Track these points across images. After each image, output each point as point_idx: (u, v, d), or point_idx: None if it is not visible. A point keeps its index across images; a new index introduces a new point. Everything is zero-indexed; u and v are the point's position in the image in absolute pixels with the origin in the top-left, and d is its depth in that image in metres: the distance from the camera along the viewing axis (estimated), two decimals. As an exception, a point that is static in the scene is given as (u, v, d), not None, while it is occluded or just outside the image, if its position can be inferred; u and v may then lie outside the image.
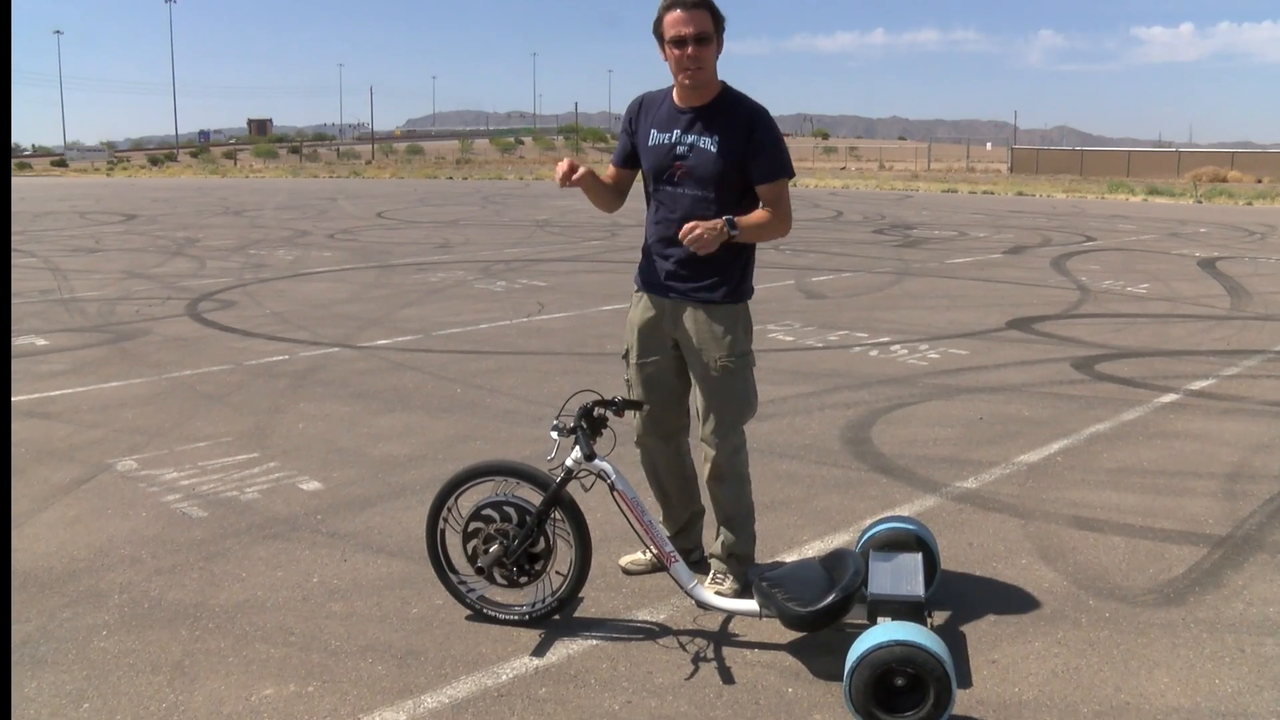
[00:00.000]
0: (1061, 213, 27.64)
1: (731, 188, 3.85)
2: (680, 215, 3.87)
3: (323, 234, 20.02)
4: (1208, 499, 5.32)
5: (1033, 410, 6.96)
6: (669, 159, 3.87)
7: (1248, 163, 56.74)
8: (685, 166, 3.85)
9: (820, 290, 12.64)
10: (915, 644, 3.14)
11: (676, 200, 3.90)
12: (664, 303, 4.01)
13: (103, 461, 5.78)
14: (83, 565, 4.39)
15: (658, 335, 4.05)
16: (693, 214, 3.82)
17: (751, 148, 3.81)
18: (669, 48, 3.75)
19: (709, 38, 3.72)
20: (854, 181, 47.23)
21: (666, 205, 3.94)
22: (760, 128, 3.82)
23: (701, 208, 3.84)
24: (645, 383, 4.11)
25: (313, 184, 45.67)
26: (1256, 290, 12.72)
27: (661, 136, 3.90)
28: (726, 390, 3.98)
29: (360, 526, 4.85)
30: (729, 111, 3.84)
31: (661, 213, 3.97)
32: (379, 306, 11.21)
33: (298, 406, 6.96)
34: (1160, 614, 4.06)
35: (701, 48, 3.70)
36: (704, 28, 3.70)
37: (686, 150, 3.83)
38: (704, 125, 3.83)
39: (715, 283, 3.93)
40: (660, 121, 3.91)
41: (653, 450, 4.22)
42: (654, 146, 3.91)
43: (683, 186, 3.88)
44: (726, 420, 4.02)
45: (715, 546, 4.17)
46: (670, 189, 3.91)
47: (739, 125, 3.81)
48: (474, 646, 3.71)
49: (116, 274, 13.94)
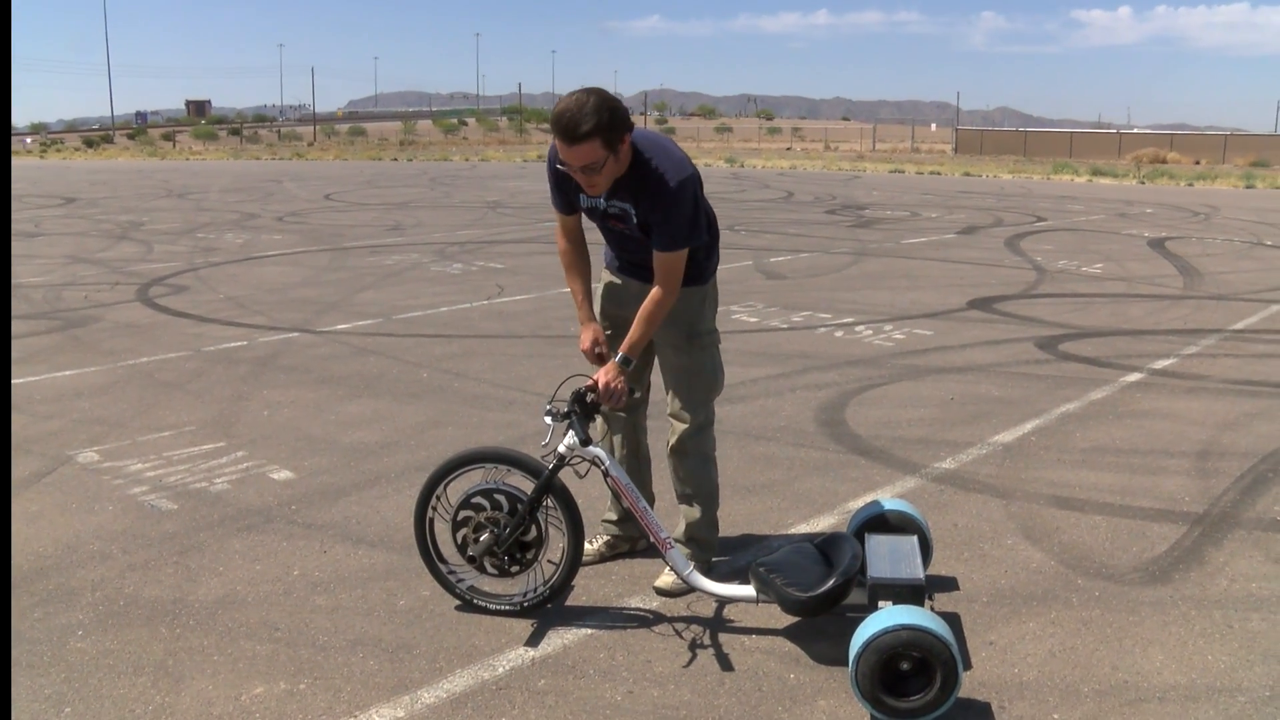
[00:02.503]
0: (1010, 193, 27.90)
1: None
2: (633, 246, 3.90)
3: (271, 217, 19.66)
4: (1182, 477, 5.37)
5: (1002, 390, 6.99)
6: (604, 216, 3.86)
7: (1186, 144, 57.81)
8: (619, 222, 3.84)
9: (779, 271, 12.63)
10: (922, 628, 3.10)
11: (624, 238, 3.92)
12: (631, 282, 4.00)
13: (62, 453, 5.60)
14: (51, 563, 4.24)
15: (625, 315, 3.98)
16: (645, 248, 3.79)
17: (655, 217, 3.69)
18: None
19: (597, 165, 3.54)
20: (800, 162, 47.36)
21: (615, 236, 3.96)
22: (664, 200, 3.66)
23: (642, 244, 3.82)
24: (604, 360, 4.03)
25: (255, 166, 44.89)
26: (1207, 270, 12.90)
27: (592, 200, 3.83)
28: (694, 367, 3.97)
29: (337, 516, 4.73)
30: (641, 182, 3.68)
31: (614, 238, 3.99)
32: (336, 290, 11.02)
33: (261, 393, 6.80)
34: (1148, 592, 4.08)
35: (591, 175, 3.58)
36: (590, 160, 3.52)
37: (618, 211, 3.79)
38: (625, 193, 3.73)
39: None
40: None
41: (612, 421, 4.19)
42: (588, 209, 3.89)
43: (621, 226, 3.86)
44: (695, 397, 4.00)
45: (677, 529, 4.12)
46: (616, 229, 3.90)
47: (649, 196, 3.68)
48: (466, 638, 3.63)
49: (60, 259, 13.58)
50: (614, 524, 4.27)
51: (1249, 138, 60.70)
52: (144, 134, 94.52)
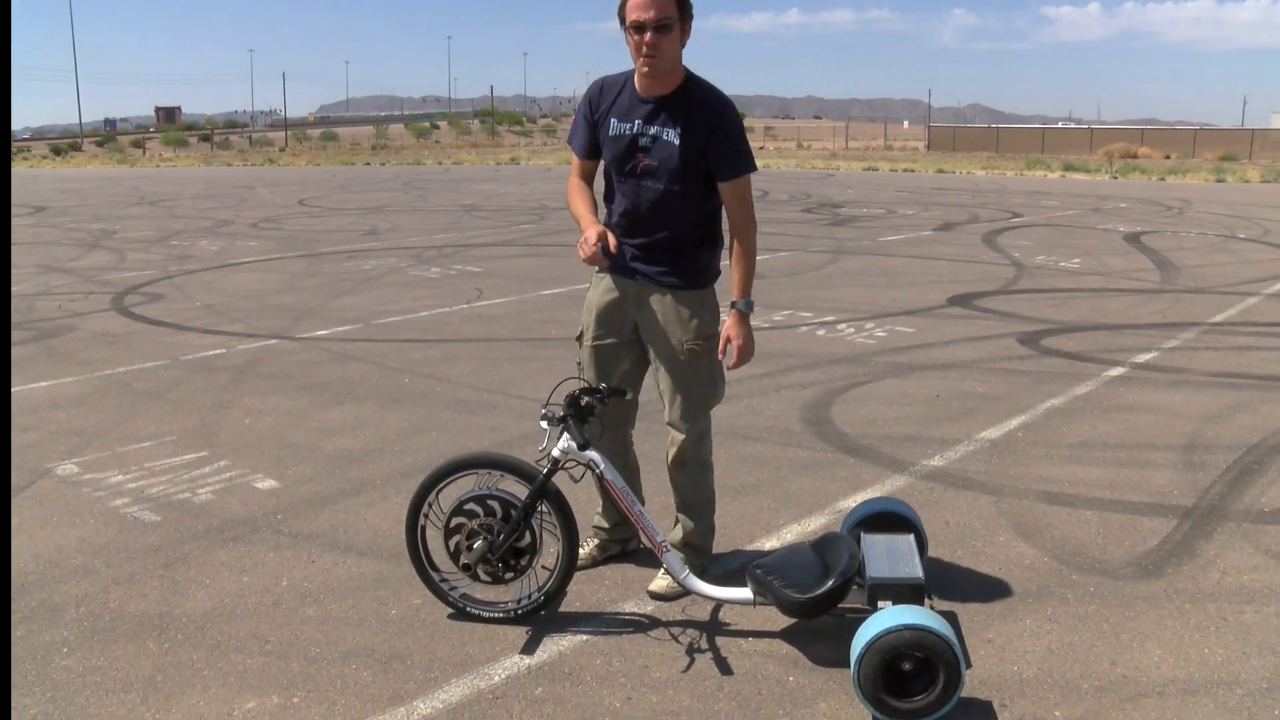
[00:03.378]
0: (984, 189, 28.04)
1: (695, 180, 3.74)
2: (645, 208, 3.78)
3: (245, 223, 19.50)
4: (1169, 470, 5.38)
5: (986, 386, 6.99)
6: (630, 151, 3.74)
7: (1156, 139, 58.29)
8: (647, 160, 3.72)
9: (758, 270, 12.59)
10: (924, 627, 3.08)
11: (639, 193, 3.78)
12: (628, 284, 3.89)
13: (40, 466, 5.51)
14: (32, 578, 4.15)
15: (617, 317, 3.93)
16: (657, 208, 3.75)
17: (714, 142, 3.68)
18: (629, 33, 3.59)
19: (670, 25, 3.55)
20: (774, 161, 47.44)
21: (629, 197, 3.82)
22: (725, 122, 3.69)
23: (666, 201, 3.75)
24: (599, 365, 3.98)
25: (227, 172, 44.57)
26: (1183, 264, 12.99)
27: (623, 126, 3.75)
28: (693, 374, 3.88)
29: (324, 525, 4.67)
30: (692, 103, 3.70)
31: (625, 204, 3.85)
32: (313, 296, 10.92)
33: (242, 401, 6.72)
34: (1142, 586, 4.08)
35: (661, 35, 3.54)
36: (666, 13, 3.53)
37: (649, 143, 3.70)
38: (667, 116, 3.69)
39: (682, 268, 3.84)
40: (621, 110, 3.76)
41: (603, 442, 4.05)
42: (615, 137, 3.76)
43: (646, 179, 3.75)
44: (693, 405, 3.93)
45: (674, 535, 4.07)
46: (633, 181, 3.78)
47: (702, 118, 3.68)
48: (460, 647, 3.58)
49: (32, 268, 13.40)
50: (604, 529, 4.22)
51: (1218, 132, 61.31)
52: (113, 141, 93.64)
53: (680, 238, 3.80)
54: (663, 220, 3.78)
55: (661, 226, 3.79)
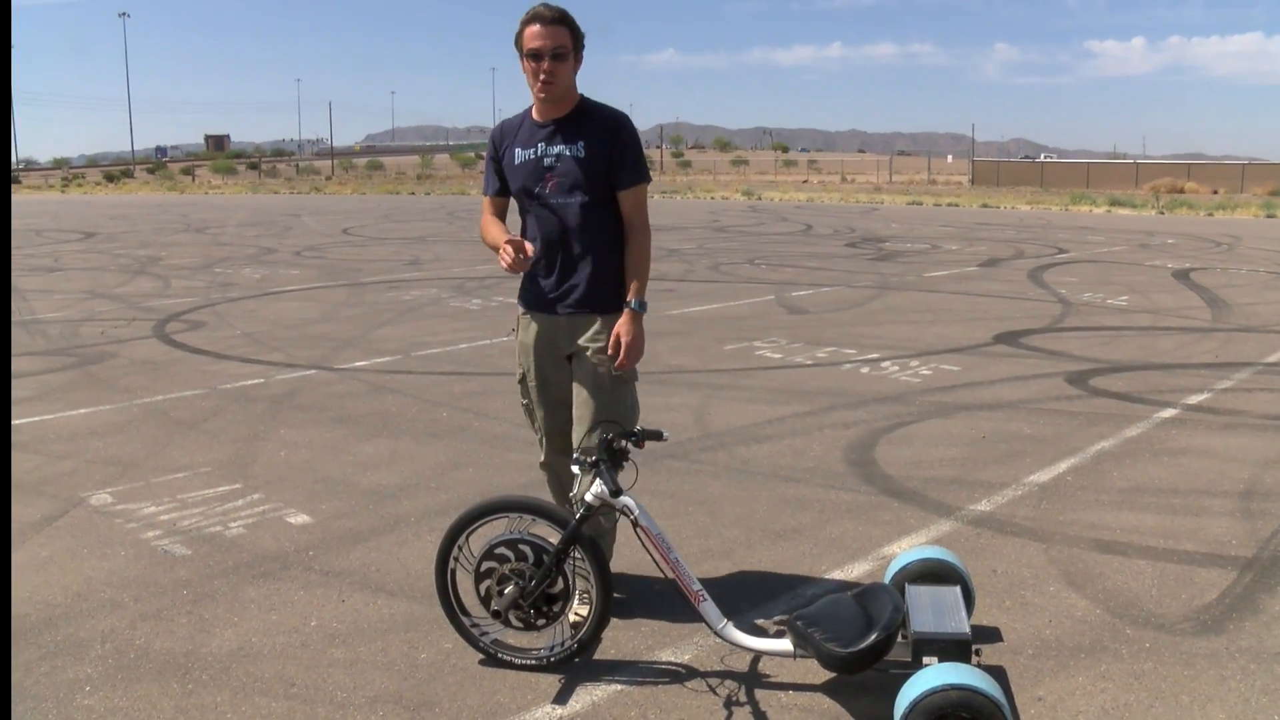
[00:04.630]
0: (1029, 224, 27.75)
1: (598, 191, 3.86)
2: (557, 230, 3.87)
3: (289, 251, 19.65)
4: (1226, 519, 5.18)
5: (1034, 428, 6.81)
6: (538, 173, 3.86)
7: (1203, 174, 57.57)
8: (554, 177, 3.84)
9: (801, 305, 12.48)
10: (972, 688, 2.94)
11: (553, 212, 3.87)
12: (556, 320, 3.94)
13: (75, 495, 5.48)
14: (60, 612, 4.10)
15: (554, 352, 3.98)
16: (572, 223, 3.85)
17: (616, 151, 3.83)
18: (527, 60, 3.75)
19: (565, 54, 3.74)
20: (817, 195, 47.34)
21: (540, 220, 3.91)
22: (623, 132, 3.86)
23: (574, 218, 3.85)
24: (547, 404, 4.03)
25: (273, 200, 45.12)
26: (1235, 301, 12.71)
27: (527, 153, 3.88)
28: (618, 401, 3.88)
29: (355, 563, 4.58)
30: (590, 119, 3.88)
31: (541, 229, 3.91)
32: (353, 326, 10.92)
33: (278, 433, 6.68)
34: (1202, 643, 3.89)
35: (557, 63, 3.72)
36: (560, 42, 3.72)
37: (554, 161, 3.84)
38: (567, 134, 3.84)
39: (609, 292, 3.90)
40: (523, 140, 3.90)
41: (558, 468, 4.08)
42: (521, 164, 3.88)
43: (556, 197, 3.85)
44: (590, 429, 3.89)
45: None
46: (541, 206, 3.88)
47: (602, 131, 3.84)
48: (490, 695, 3.47)
49: (78, 294, 13.55)
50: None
51: (1267, 166, 60.38)
52: (163, 168, 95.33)
53: (596, 257, 3.87)
54: (579, 235, 3.85)
55: (579, 243, 3.86)
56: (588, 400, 3.88)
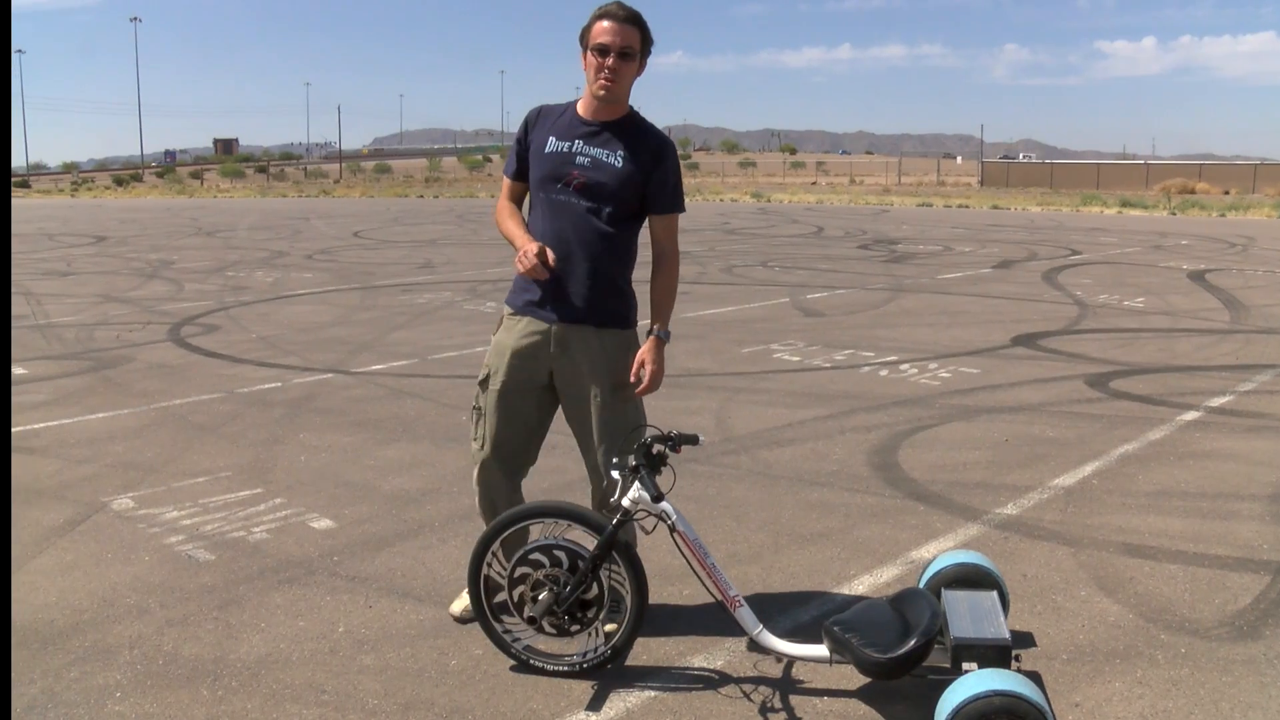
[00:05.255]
0: (1040, 226, 27.67)
1: (625, 208, 3.73)
2: (570, 228, 3.69)
3: (300, 254, 19.66)
4: (1256, 523, 5.14)
5: (1056, 431, 6.77)
6: (566, 166, 3.69)
7: (1214, 175, 57.40)
8: (583, 177, 3.67)
9: (817, 308, 12.44)
10: (1016, 694, 2.91)
11: (566, 209, 3.69)
12: (552, 326, 3.74)
13: (96, 500, 5.46)
14: (87, 617, 4.08)
15: (534, 363, 3.78)
16: (584, 228, 3.68)
17: (660, 174, 3.74)
18: (591, 54, 3.63)
19: (633, 54, 3.64)
20: (826, 196, 47.29)
21: (554, 214, 3.71)
22: (670, 157, 3.78)
23: (590, 222, 3.69)
24: (504, 412, 3.83)
25: (282, 204, 45.17)
26: (1252, 303, 12.64)
27: (561, 144, 3.72)
28: (616, 416, 3.78)
29: (381, 568, 4.56)
30: (637, 132, 3.75)
31: (547, 223, 3.72)
32: (368, 330, 10.91)
33: (297, 437, 6.66)
34: (1239, 649, 3.85)
35: (623, 61, 3.61)
36: (630, 43, 3.62)
37: (587, 161, 3.69)
38: (610, 140, 3.71)
39: (611, 306, 3.78)
40: (561, 130, 3.75)
41: (494, 485, 3.91)
42: (551, 153, 3.72)
43: (577, 196, 3.68)
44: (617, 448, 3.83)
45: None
46: (562, 197, 3.69)
47: (648, 148, 3.73)
48: (524, 701, 3.44)
49: (92, 298, 13.55)
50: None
51: (1278, 167, 60.14)
52: (172, 172, 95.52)
53: (603, 267, 3.72)
54: (590, 242, 3.69)
55: (588, 249, 3.69)
56: (594, 419, 3.77)
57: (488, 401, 3.84)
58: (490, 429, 3.84)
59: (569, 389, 3.80)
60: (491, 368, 3.85)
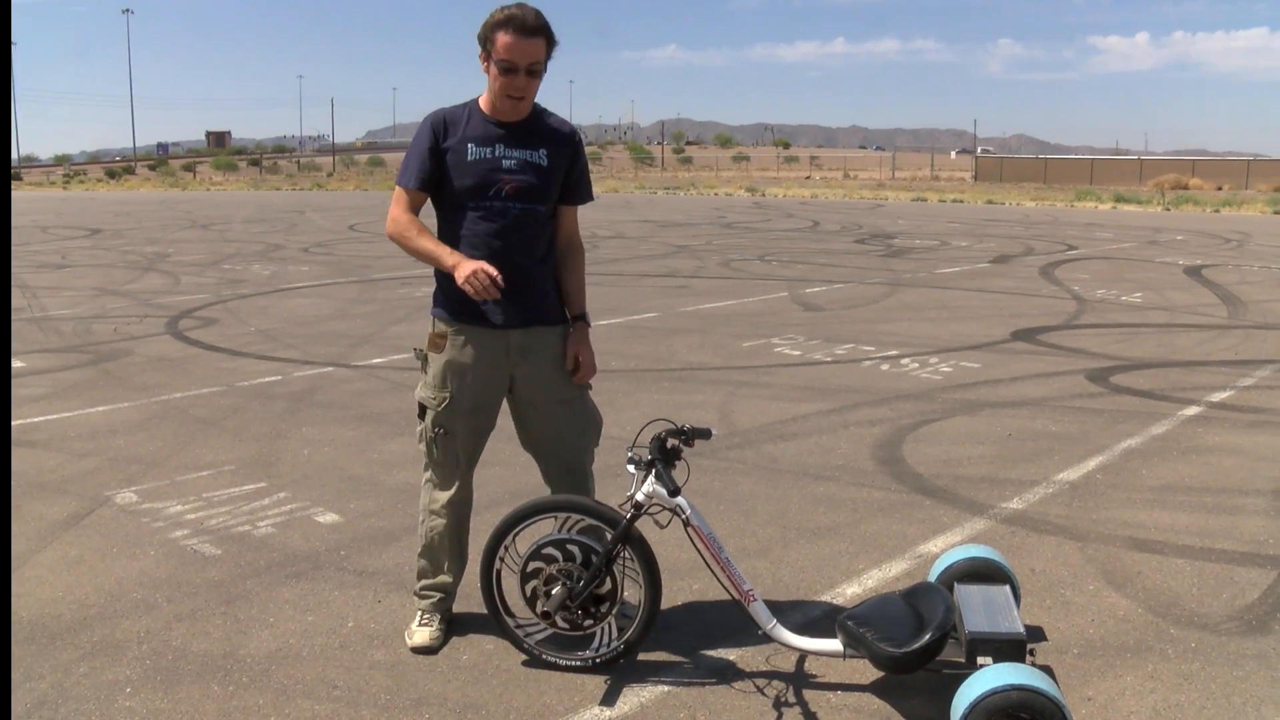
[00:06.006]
0: (1036, 221, 27.71)
1: (550, 204, 3.72)
2: (508, 234, 3.60)
3: (296, 248, 19.60)
4: (1261, 517, 5.14)
5: (1060, 425, 6.77)
6: (495, 173, 3.58)
7: (1207, 170, 57.49)
8: (515, 181, 3.59)
9: (816, 302, 12.44)
10: (1033, 688, 2.91)
11: (501, 216, 3.60)
12: (509, 335, 3.65)
13: (100, 494, 5.44)
14: (94, 612, 4.06)
15: (497, 375, 3.70)
16: (523, 231, 3.63)
17: (576, 168, 3.75)
18: (498, 70, 3.50)
19: (540, 69, 3.54)
20: (821, 191, 47.28)
21: (489, 222, 3.60)
22: (581, 148, 3.80)
23: (527, 224, 3.64)
24: (477, 431, 3.79)
25: (276, 196, 45.05)
26: (1250, 299, 12.66)
27: (483, 150, 3.59)
28: (585, 411, 3.83)
29: (389, 563, 4.54)
30: (551, 126, 3.71)
31: (486, 233, 3.60)
32: (368, 323, 10.88)
33: (300, 431, 6.63)
34: (1249, 644, 3.85)
35: (531, 79, 3.54)
36: (538, 57, 3.51)
37: (514, 164, 3.59)
38: (527, 139, 3.64)
39: (555, 302, 3.78)
40: (477, 136, 3.61)
41: (461, 509, 3.85)
42: (475, 161, 3.58)
43: (513, 201, 3.60)
44: (590, 441, 3.89)
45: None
46: (496, 204, 3.59)
47: (565, 141, 3.72)
48: (537, 697, 3.43)
49: (88, 291, 13.50)
50: (432, 587, 3.86)
51: (1271, 163, 60.22)
52: (165, 165, 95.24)
53: (543, 265, 3.72)
54: (529, 244, 3.66)
55: (528, 252, 3.66)
56: (564, 418, 3.77)
57: (457, 425, 3.72)
58: (466, 451, 3.78)
59: (533, 393, 3.75)
60: (448, 393, 3.70)
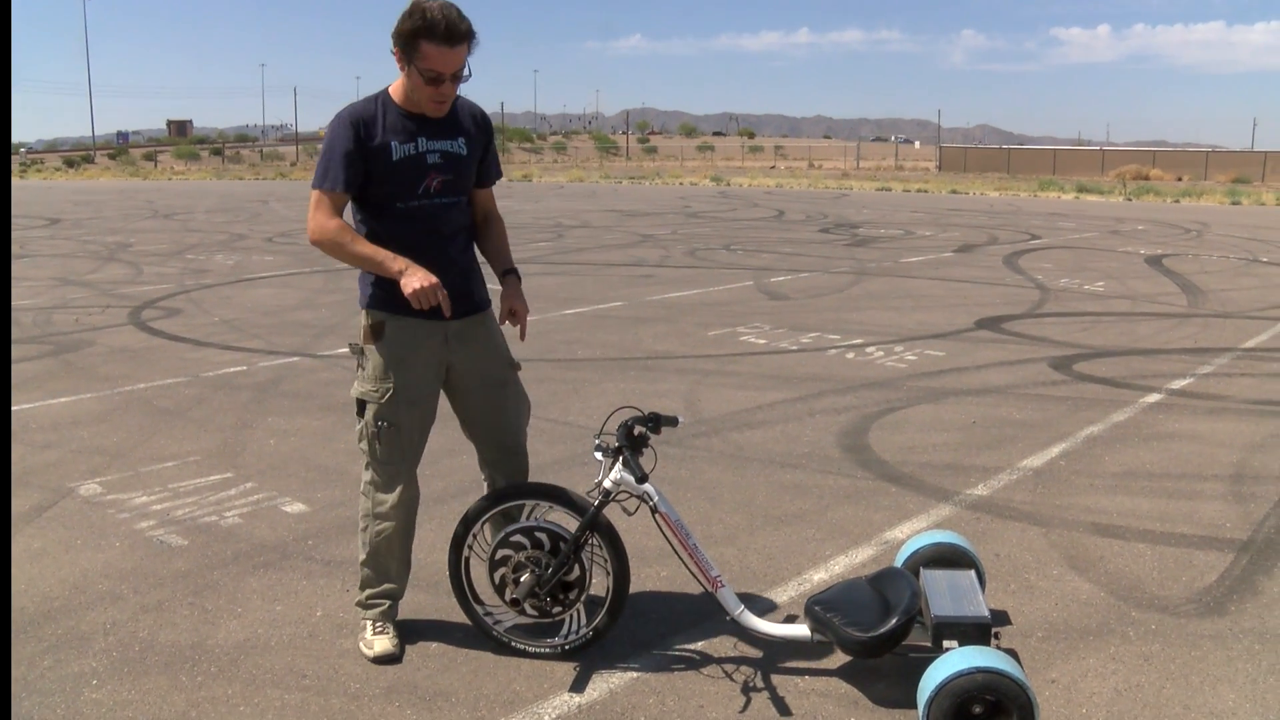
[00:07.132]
0: (1000, 211, 27.93)
1: (469, 188, 3.74)
2: (439, 228, 3.59)
3: (260, 237, 19.44)
4: (1219, 502, 5.23)
5: (1023, 413, 6.85)
6: (421, 170, 3.51)
7: (1167, 161, 58.20)
8: (440, 176, 3.54)
9: (781, 291, 12.49)
10: (998, 670, 2.95)
11: (430, 212, 3.55)
12: (443, 326, 3.61)
13: (63, 485, 5.39)
14: (58, 604, 4.03)
15: (436, 365, 3.67)
16: (452, 224, 3.63)
17: (490, 150, 3.78)
18: (421, 77, 3.39)
19: (463, 74, 3.44)
20: (786, 180, 47.41)
21: (420, 220, 3.54)
22: (490, 128, 3.79)
23: (454, 216, 3.64)
24: (421, 421, 3.71)
25: (239, 186, 44.63)
26: (1209, 288, 12.84)
27: (406, 148, 3.49)
28: (519, 392, 3.88)
29: (355, 552, 4.50)
30: (463, 115, 3.65)
31: (417, 232, 3.54)
32: (333, 313, 10.82)
33: (266, 421, 6.60)
34: (1206, 625, 3.93)
35: (455, 83, 3.46)
36: (462, 63, 3.40)
37: (438, 158, 3.53)
38: (444, 128, 3.56)
39: (482, 287, 3.80)
40: (397, 132, 3.49)
41: (409, 509, 3.75)
42: (401, 160, 3.48)
43: (440, 197, 3.56)
44: (525, 421, 3.93)
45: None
46: (425, 201, 3.54)
47: (478, 125, 3.70)
48: (507, 685, 3.44)
49: (48, 281, 13.34)
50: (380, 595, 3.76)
51: (1229, 154, 61.13)
52: (125, 154, 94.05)
53: (469, 252, 3.75)
54: (457, 235, 3.67)
55: (458, 244, 3.68)
56: (503, 402, 3.78)
57: (401, 416, 3.62)
58: (411, 442, 3.69)
59: (470, 380, 3.73)
60: (391, 385, 3.60)
